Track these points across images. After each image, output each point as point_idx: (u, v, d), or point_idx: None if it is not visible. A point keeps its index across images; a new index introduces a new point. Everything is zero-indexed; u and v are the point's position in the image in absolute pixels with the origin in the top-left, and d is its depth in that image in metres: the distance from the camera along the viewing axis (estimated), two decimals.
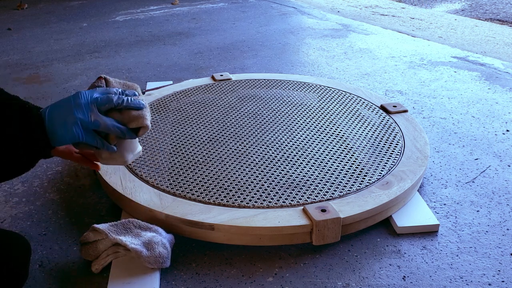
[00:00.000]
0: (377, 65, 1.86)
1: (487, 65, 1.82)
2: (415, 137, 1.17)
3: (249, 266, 0.87)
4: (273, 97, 1.43)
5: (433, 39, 2.25)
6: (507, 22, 2.82)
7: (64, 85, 1.77)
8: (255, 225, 0.86)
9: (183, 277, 0.84)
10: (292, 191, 0.97)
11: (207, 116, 1.31)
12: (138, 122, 0.71)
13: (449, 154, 1.22)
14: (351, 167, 1.05)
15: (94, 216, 1.01)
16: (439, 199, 1.04)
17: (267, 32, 2.40)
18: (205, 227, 0.88)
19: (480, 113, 1.43)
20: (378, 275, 0.84)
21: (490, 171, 1.14)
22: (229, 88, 1.50)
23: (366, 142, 1.16)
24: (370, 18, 2.83)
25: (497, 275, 0.83)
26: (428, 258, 0.87)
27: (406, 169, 1.03)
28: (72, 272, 0.86)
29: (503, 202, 1.03)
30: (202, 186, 0.99)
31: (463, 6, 3.33)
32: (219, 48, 2.16)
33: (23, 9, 3.14)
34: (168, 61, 2.00)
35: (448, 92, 1.59)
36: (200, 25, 2.58)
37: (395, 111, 1.30)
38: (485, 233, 0.93)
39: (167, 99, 1.43)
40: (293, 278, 0.83)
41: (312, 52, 2.04)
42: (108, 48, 2.21)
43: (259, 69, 1.87)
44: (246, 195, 0.96)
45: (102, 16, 2.86)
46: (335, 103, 1.37)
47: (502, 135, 1.30)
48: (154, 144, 1.17)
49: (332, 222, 0.86)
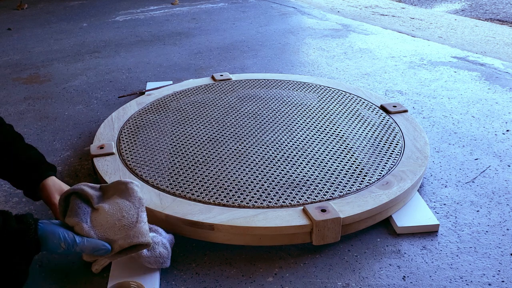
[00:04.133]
0: (377, 65, 1.86)
1: (487, 65, 1.82)
2: (415, 137, 1.17)
3: (249, 266, 0.87)
4: (273, 97, 1.43)
5: (433, 39, 2.25)
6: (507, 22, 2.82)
7: (64, 85, 1.77)
8: (255, 225, 0.86)
9: (183, 277, 0.84)
10: (292, 191, 0.97)
11: (207, 116, 1.31)
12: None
13: (449, 154, 1.22)
14: (351, 167, 1.05)
15: None
16: (439, 199, 1.04)
17: (267, 32, 2.40)
18: (205, 227, 0.88)
19: (480, 113, 1.43)
20: (378, 275, 0.84)
21: (490, 171, 1.14)
22: (229, 88, 1.50)
23: (366, 142, 1.16)
24: (370, 18, 2.83)
25: (497, 275, 0.83)
26: (428, 258, 0.87)
27: (406, 169, 1.03)
28: (72, 272, 0.86)
29: (503, 202, 1.03)
30: (202, 186, 0.99)
31: (463, 6, 3.33)
32: (219, 48, 2.16)
33: (23, 9, 3.14)
34: (168, 61, 2.00)
35: (448, 92, 1.59)
36: (200, 25, 2.58)
37: (395, 111, 1.30)
38: (485, 233, 0.93)
39: (167, 99, 1.43)
40: (293, 278, 0.83)
41: (312, 52, 2.04)
42: (108, 48, 2.21)
43: (259, 69, 1.87)
44: (246, 195, 0.96)
45: (102, 16, 2.86)
46: (335, 103, 1.37)
47: (502, 135, 1.30)
48: (154, 144, 1.17)
49: (332, 222, 0.86)
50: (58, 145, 1.33)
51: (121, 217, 0.76)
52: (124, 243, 0.74)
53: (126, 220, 0.76)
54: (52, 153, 1.28)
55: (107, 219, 0.76)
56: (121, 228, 0.76)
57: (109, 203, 0.78)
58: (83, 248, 0.72)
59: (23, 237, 0.68)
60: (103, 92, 1.67)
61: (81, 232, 0.74)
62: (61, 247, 0.71)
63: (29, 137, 1.38)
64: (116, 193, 0.81)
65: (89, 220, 0.76)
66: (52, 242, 0.70)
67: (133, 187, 0.81)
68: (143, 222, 0.78)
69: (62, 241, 0.70)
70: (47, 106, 1.60)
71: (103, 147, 1.13)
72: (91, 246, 0.72)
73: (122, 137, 1.21)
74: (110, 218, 0.76)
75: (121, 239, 0.75)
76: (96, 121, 1.46)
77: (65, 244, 0.71)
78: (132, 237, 0.75)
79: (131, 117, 1.32)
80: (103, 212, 0.77)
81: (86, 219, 0.76)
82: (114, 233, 0.75)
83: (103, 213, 0.77)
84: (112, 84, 1.76)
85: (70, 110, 1.55)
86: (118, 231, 0.75)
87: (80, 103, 1.60)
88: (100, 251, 0.73)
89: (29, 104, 1.61)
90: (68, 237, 0.71)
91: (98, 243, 0.73)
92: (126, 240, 0.75)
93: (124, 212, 0.77)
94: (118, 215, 0.77)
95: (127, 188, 0.81)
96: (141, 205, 0.80)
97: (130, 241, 0.74)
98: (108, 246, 0.73)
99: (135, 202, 0.79)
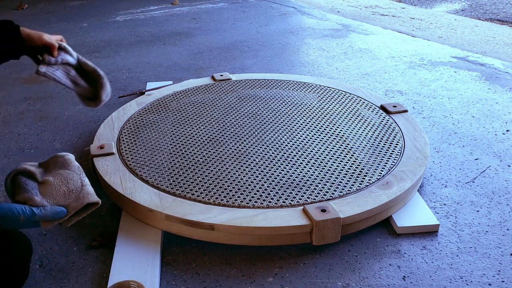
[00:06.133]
0: (377, 65, 1.86)
1: (487, 65, 1.82)
2: (415, 137, 1.17)
3: (249, 266, 0.87)
4: (273, 97, 1.43)
5: (433, 39, 2.25)
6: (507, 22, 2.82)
7: None
8: (255, 225, 0.86)
9: (183, 277, 0.84)
10: (292, 191, 0.97)
11: (207, 116, 1.31)
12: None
13: (449, 154, 1.22)
14: (351, 167, 1.05)
15: (94, 216, 1.01)
16: (439, 199, 1.04)
17: (267, 32, 2.40)
18: (205, 227, 0.88)
19: (480, 113, 1.43)
20: (378, 275, 0.84)
21: (490, 171, 1.14)
22: (229, 88, 1.50)
23: (366, 142, 1.16)
24: (370, 18, 2.83)
25: (497, 275, 0.83)
26: (428, 258, 0.87)
27: (406, 169, 1.03)
28: (72, 272, 0.86)
29: (503, 202, 1.03)
30: (202, 186, 0.99)
31: (463, 6, 3.33)
32: (219, 48, 2.16)
33: (23, 9, 3.14)
34: (168, 61, 2.00)
35: (448, 92, 1.59)
36: (200, 25, 2.58)
37: (395, 111, 1.30)
38: (485, 233, 0.93)
39: (167, 99, 1.43)
40: (293, 278, 0.83)
41: (312, 52, 2.05)
42: (108, 48, 2.21)
43: (259, 69, 1.87)
44: (246, 195, 0.96)
45: (102, 16, 2.86)
46: (335, 103, 1.37)
47: (502, 135, 1.30)
48: (154, 144, 1.17)
49: (332, 222, 0.86)
50: (58, 145, 1.33)
51: (67, 184, 0.82)
52: (77, 205, 0.79)
53: (73, 185, 0.82)
54: (52, 153, 1.28)
55: (55, 188, 0.82)
56: (70, 193, 0.81)
57: (52, 176, 0.84)
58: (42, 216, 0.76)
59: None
60: None
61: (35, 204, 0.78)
62: (20, 220, 0.74)
63: (29, 137, 1.38)
64: (56, 166, 0.87)
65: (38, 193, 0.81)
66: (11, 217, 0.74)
67: (70, 158, 0.88)
68: (88, 185, 0.83)
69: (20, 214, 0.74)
70: (47, 106, 1.60)
71: (103, 147, 1.13)
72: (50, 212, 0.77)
73: (122, 137, 1.21)
74: (57, 187, 0.82)
75: (73, 202, 0.80)
76: (96, 121, 1.46)
77: (24, 216, 0.74)
78: (82, 198, 0.80)
79: (131, 117, 1.32)
80: (49, 183, 0.82)
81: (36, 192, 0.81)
82: (65, 199, 0.80)
83: (49, 184, 0.82)
84: (112, 84, 1.75)
85: (70, 110, 1.55)
86: (68, 196, 0.81)
87: (80, 103, 1.60)
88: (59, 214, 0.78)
89: (29, 104, 1.61)
90: (26, 209, 0.75)
91: (56, 208, 0.78)
92: (77, 202, 0.80)
93: (69, 179, 0.83)
94: (64, 183, 0.83)
95: (64, 159, 0.87)
96: (81, 171, 0.86)
97: (81, 201, 0.80)
98: (65, 210, 0.78)
99: (75, 169, 0.86)
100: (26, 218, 0.74)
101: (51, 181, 0.82)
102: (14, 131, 1.42)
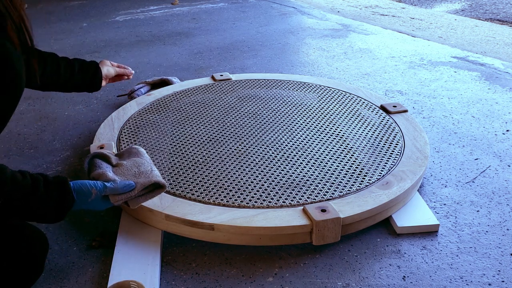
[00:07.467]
0: (377, 65, 1.86)
1: (487, 65, 1.82)
2: (415, 137, 1.17)
3: (249, 266, 0.87)
4: (273, 97, 1.43)
5: (433, 39, 2.25)
6: (507, 22, 2.82)
7: None
8: (255, 225, 0.86)
9: (183, 277, 0.84)
10: (292, 191, 0.97)
11: (207, 116, 1.31)
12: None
13: (449, 154, 1.22)
14: (351, 167, 1.05)
15: (94, 216, 1.01)
16: (439, 199, 1.04)
17: (267, 32, 2.40)
18: (205, 227, 0.88)
19: (480, 113, 1.43)
20: (378, 275, 0.84)
21: (490, 171, 1.14)
22: (229, 88, 1.50)
23: (366, 142, 1.16)
24: (370, 18, 2.83)
25: (497, 275, 0.83)
26: (428, 258, 0.87)
27: (406, 169, 1.03)
28: (72, 272, 0.86)
29: (503, 202, 1.03)
30: (202, 186, 0.99)
31: (463, 6, 3.33)
32: (219, 48, 2.16)
33: None
34: (168, 61, 2.00)
35: (448, 92, 1.59)
36: (200, 25, 2.58)
37: (395, 111, 1.30)
38: (485, 233, 0.93)
39: (167, 99, 1.43)
40: (293, 278, 0.83)
41: (312, 52, 2.05)
42: (108, 48, 2.21)
43: (259, 69, 1.87)
44: (246, 195, 0.96)
45: (102, 16, 2.86)
46: (335, 103, 1.37)
47: (502, 135, 1.30)
48: (154, 144, 1.17)
49: (332, 222, 0.86)
50: (58, 145, 1.33)
51: (138, 167, 0.90)
52: (145, 181, 0.85)
53: (143, 168, 0.90)
54: (52, 153, 1.28)
55: (127, 169, 0.90)
56: (140, 174, 0.88)
57: (126, 160, 0.93)
58: (112, 188, 0.82)
59: (63, 187, 0.78)
60: (103, 92, 1.67)
61: (107, 179, 0.85)
62: (92, 194, 0.80)
63: (29, 137, 1.38)
64: (130, 155, 0.96)
65: (111, 172, 0.89)
66: (84, 191, 0.80)
67: (142, 150, 0.98)
68: (156, 171, 0.90)
69: (92, 187, 0.80)
70: (47, 106, 1.60)
71: (103, 147, 1.13)
72: (120, 185, 0.83)
73: (122, 137, 1.21)
74: (129, 168, 0.90)
75: (142, 179, 0.86)
76: (96, 121, 1.46)
77: (96, 189, 0.80)
78: (151, 177, 0.87)
79: (131, 117, 1.32)
80: (123, 166, 0.91)
81: (109, 170, 0.89)
82: (135, 178, 0.87)
83: (122, 167, 0.91)
84: (112, 84, 1.76)
85: (70, 110, 1.55)
86: (138, 176, 0.88)
87: (80, 103, 1.60)
88: (128, 186, 0.84)
89: (29, 104, 1.61)
90: (98, 183, 0.82)
91: (125, 181, 0.84)
92: (146, 179, 0.86)
93: (141, 164, 0.91)
94: (135, 165, 0.91)
95: (138, 151, 0.97)
96: (151, 162, 0.94)
97: (149, 179, 0.86)
98: (133, 183, 0.85)
99: (147, 159, 0.94)
100: (98, 191, 0.81)
101: (124, 164, 0.91)
102: (14, 131, 1.42)
